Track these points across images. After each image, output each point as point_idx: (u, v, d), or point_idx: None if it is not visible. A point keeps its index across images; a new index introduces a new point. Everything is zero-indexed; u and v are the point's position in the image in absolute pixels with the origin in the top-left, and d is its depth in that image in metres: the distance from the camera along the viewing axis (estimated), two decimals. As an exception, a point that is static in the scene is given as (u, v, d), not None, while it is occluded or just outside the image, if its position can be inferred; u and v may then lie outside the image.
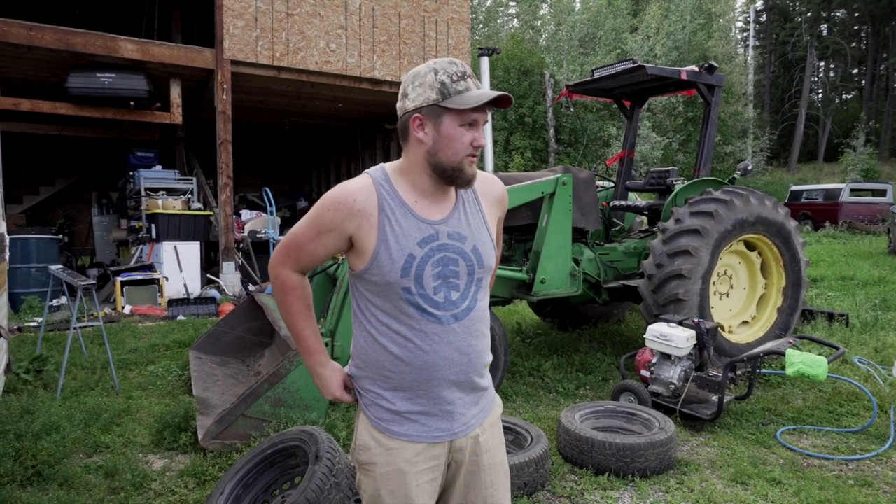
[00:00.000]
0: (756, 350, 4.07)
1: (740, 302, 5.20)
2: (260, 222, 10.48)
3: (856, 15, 35.12)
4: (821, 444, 3.65)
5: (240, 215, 10.97)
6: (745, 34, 36.62)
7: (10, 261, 7.09)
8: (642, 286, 4.70)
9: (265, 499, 2.63)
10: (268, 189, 9.72)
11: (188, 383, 4.54)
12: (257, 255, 9.59)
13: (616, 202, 5.91)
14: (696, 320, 4.11)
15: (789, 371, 3.67)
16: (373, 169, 1.50)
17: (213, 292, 8.34)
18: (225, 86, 8.68)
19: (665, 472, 3.21)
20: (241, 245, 9.62)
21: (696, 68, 5.25)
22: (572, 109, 23.99)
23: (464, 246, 1.47)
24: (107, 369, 4.88)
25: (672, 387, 3.98)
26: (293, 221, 12.81)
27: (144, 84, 8.35)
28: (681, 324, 4.10)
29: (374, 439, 1.49)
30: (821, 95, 37.81)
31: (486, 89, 1.42)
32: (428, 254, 1.43)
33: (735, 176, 5.49)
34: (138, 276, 8.10)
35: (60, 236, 9.69)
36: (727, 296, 5.11)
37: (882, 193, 18.05)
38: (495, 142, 22.14)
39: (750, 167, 5.42)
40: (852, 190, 18.03)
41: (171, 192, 9.57)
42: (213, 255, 9.97)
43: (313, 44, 9.17)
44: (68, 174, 12.76)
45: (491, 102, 1.41)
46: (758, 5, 36.24)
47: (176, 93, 8.87)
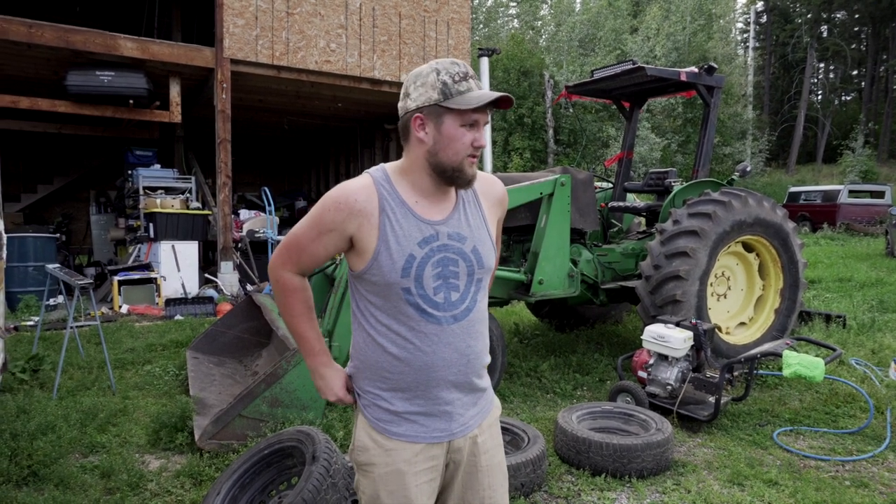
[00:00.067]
0: (753, 351, 4.08)
1: (738, 303, 5.20)
2: (258, 222, 10.47)
3: (856, 16, 35.18)
4: (817, 445, 3.66)
5: (238, 215, 10.96)
6: (745, 35, 36.69)
7: (8, 259, 7.08)
8: (640, 287, 4.70)
9: (262, 499, 2.63)
10: (266, 189, 9.71)
11: (185, 383, 4.54)
12: (255, 254, 9.58)
13: (614, 203, 5.92)
14: (693, 321, 4.11)
15: (786, 372, 3.68)
16: (373, 169, 1.50)
17: (210, 292, 8.33)
18: (224, 85, 8.67)
19: (662, 472, 3.22)
20: (240, 245, 9.61)
21: (696, 69, 5.25)
22: (571, 110, 23.99)
23: (464, 246, 1.47)
24: (103, 369, 4.88)
25: (669, 388, 3.98)
26: (292, 221, 12.80)
27: (144, 82, 8.34)
28: (678, 325, 4.11)
29: (372, 440, 1.49)
30: (820, 97, 37.85)
31: (487, 90, 1.42)
32: (428, 254, 1.43)
33: (734, 177, 5.49)
34: (136, 276, 8.09)
35: (58, 235, 9.66)
36: (725, 297, 5.11)
37: (880, 195, 18.08)
38: (494, 142, 22.12)
39: (748, 168, 5.42)
40: (851, 191, 18.05)
41: (169, 191, 9.56)
42: (211, 254, 9.95)
43: (313, 43, 9.16)
44: (67, 172, 12.74)
45: (492, 103, 1.41)
46: (758, 6, 36.28)
47: (175, 91, 8.86)
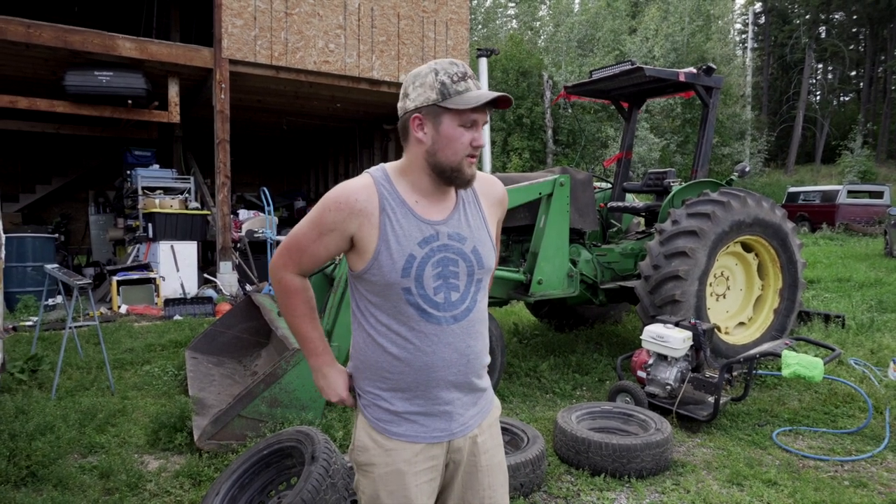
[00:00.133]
0: (752, 351, 4.08)
1: (737, 303, 5.21)
2: (257, 222, 10.46)
3: (854, 17, 35.25)
4: (816, 445, 3.66)
5: (237, 215, 10.95)
6: (743, 36, 36.75)
7: (6, 259, 7.07)
8: (639, 287, 4.71)
9: (261, 499, 2.62)
10: (265, 189, 9.69)
11: (184, 383, 4.53)
12: (255, 254, 9.57)
13: (613, 203, 5.92)
14: (692, 321, 4.12)
15: (785, 372, 3.68)
16: (373, 169, 1.50)
17: (209, 292, 8.32)
18: (223, 85, 8.67)
19: (661, 472, 3.22)
20: (239, 245, 9.60)
21: (695, 70, 5.25)
22: (570, 111, 24.01)
23: (464, 247, 1.47)
24: (102, 369, 4.87)
25: (668, 388, 3.98)
26: (291, 221, 12.78)
27: (142, 83, 8.33)
28: (677, 325, 4.11)
29: (372, 440, 1.49)
30: (819, 97, 37.91)
31: (485, 90, 1.42)
32: (428, 254, 1.43)
33: (732, 177, 5.49)
34: (135, 276, 8.08)
35: (57, 235, 9.64)
36: (724, 297, 5.11)
37: (879, 195, 18.10)
38: (493, 142, 22.13)
39: (747, 169, 5.43)
40: (849, 192, 18.07)
41: (168, 191, 9.55)
42: (211, 254, 9.95)
43: (312, 43, 9.16)
44: (65, 173, 12.72)
45: (490, 103, 1.40)
46: (756, 7, 36.32)
47: (174, 92, 8.85)
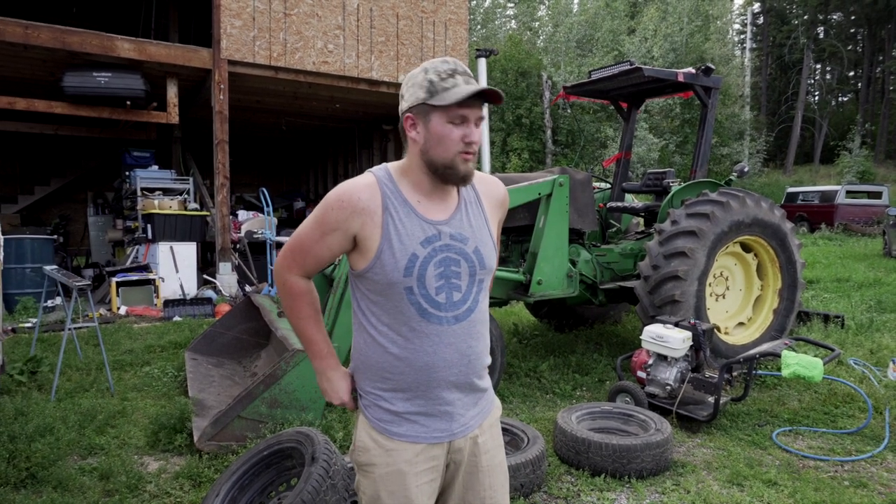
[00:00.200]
0: (752, 351, 4.08)
1: (736, 303, 5.21)
2: (257, 223, 10.45)
3: (852, 18, 35.31)
4: (816, 445, 3.66)
5: (236, 216, 10.95)
6: (742, 36, 36.78)
7: (5, 261, 7.06)
8: (639, 287, 4.71)
9: (261, 500, 2.62)
10: (265, 189, 9.68)
11: (184, 384, 4.52)
12: (254, 255, 9.56)
13: (613, 203, 5.92)
14: (692, 322, 4.12)
15: (785, 372, 3.68)
16: (376, 168, 1.50)
17: (209, 293, 8.32)
18: (222, 86, 8.66)
19: (661, 473, 3.22)
20: (238, 246, 9.59)
21: (693, 70, 5.25)
22: (569, 111, 24.02)
23: (466, 247, 1.47)
24: (102, 370, 4.86)
25: (668, 388, 3.98)
26: (290, 222, 12.78)
27: (141, 83, 8.33)
28: (677, 325, 4.11)
29: (373, 440, 1.49)
30: (817, 98, 37.96)
31: (477, 86, 1.39)
32: (430, 254, 1.43)
33: (731, 178, 5.50)
34: (134, 277, 8.07)
35: (55, 236, 9.64)
36: (723, 297, 5.12)
37: (877, 195, 18.12)
38: (492, 143, 22.13)
39: (746, 169, 5.43)
40: (848, 192, 18.09)
41: (167, 192, 9.54)
42: (210, 255, 9.94)
43: (311, 44, 9.16)
44: (64, 174, 12.71)
45: (478, 97, 1.38)
46: (755, 8, 36.36)
47: (172, 92, 8.85)
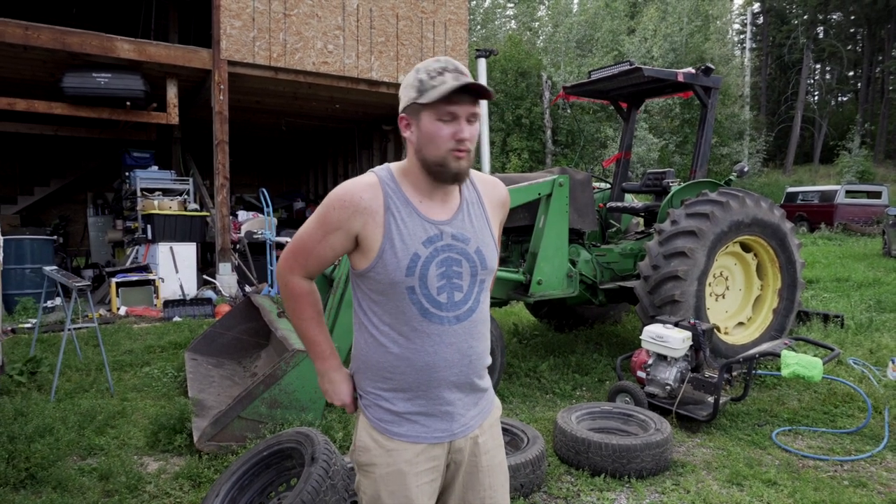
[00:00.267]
0: (752, 351, 4.08)
1: (736, 303, 5.21)
2: (257, 223, 10.45)
3: (852, 18, 35.32)
4: (816, 445, 3.66)
5: (236, 216, 10.95)
6: (741, 36, 36.77)
7: (5, 262, 7.06)
8: (638, 287, 4.71)
9: (261, 501, 2.62)
10: (265, 190, 9.69)
11: (184, 385, 4.52)
12: (254, 256, 9.56)
13: (612, 203, 5.92)
14: (692, 321, 4.12)
15: (785, 372, 3.68)
16: (378, 168, 1.51)
17: (209, 293, 8.32)
18: (222, 86, 8.66)
19: (661, 473, 3.22)
20: (238, 246, 9.59)
21: (693, 70, 5.25)
22: (569, 111, 24.02)
23: (467, 247, 1.47)
24: (101, 371, 4.86)
25: (668, 388, 3.98)
26: (290, 222, 12.78)
27: (141, 84, 8.33)
28: (677, 325, 4.11)
29: (373, 440, 1.49)
30: (817, 98, 37.97)
31: (462, 80, 1.36)
32: (432, 254, 1.43)
33: (731, 177, 5.50)
34: (134, 277, 8.07)
35: (55, 237, 9.64)
36: (723, 297, 5.12)
37: (877, 195, 18.12)
38: (492, 143, 22.13)
39: (746, 169, 5.43)
40: (848, 192, 18.09)
41: (167, 192, 9.54)
42: (210, 256, 9.94)
43: (311, 44, 9.16)
44: (64, 174, 12.71)
45: (464, 93, 1.36)
46: (755, 8, 36.37)
47: (172, 93, 8.85)
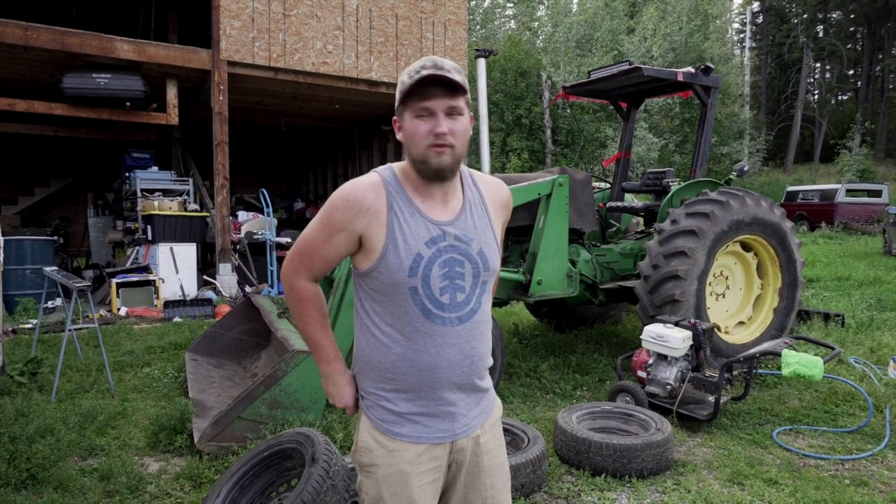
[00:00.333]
0: (752, 350, 4.08)
1: (736, 303, 5.21)
2: (257, 224, 10.45)
3: (851, 16, 35.31)
4: (817, 444, 3.66)
5: (236, 216, 10.94)
6: (741, 36, 36.77)
7: (5, 262, 7.06)
8: (639, 287, 4.71)
9: (261, 501, 2.62)
10: (265, 190, 9.69)
11: (184, 385, 4.52)
12: (254, 256, 9.56)
13: (612, 203, 5.92)
14: (692, 321, 4.12)
15: (785, 371, 3.68)
16: (381, 168, 1.51)
17: (209, 294, 8.32)
18: (221, 87, 8.66)
19: (662, 472, 3.22)
20: (238, 246, 9.59)
21: (693, 70, 5.25)
22: (569, 111, 24.01)
23: (470, 248, 1.47)
24: (102, 371, 4.86)
25: (669, 387, 3.98)
26: (290, 223, 12.78)
27: (140, 85, 8.33)
28: (677, 325, 4.11)
29: (375, 441, 1.49)
30: (817, 96, 37.95)
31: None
32: (435, 254, 1.43)
33: (731, 177, 5.50)
34: (134, 278, 8.07)
35: (55, 238, 9.64)
36: (723, 296, 5.12)
37: (877, 194, 18.12)
38: (492, 143, 22.12)
39: (746, 168, 5.43)
40: (848, 191, 18.10)
41: (167, 193, 9.54)
42: (210, 256, 9.94)
43: (310, 45, 9.16)
44: (64, 175, 12.72)
45: (435, 86, 1.36)
46: (754, 7, 36.36)
47: (172, 94, 8.85)
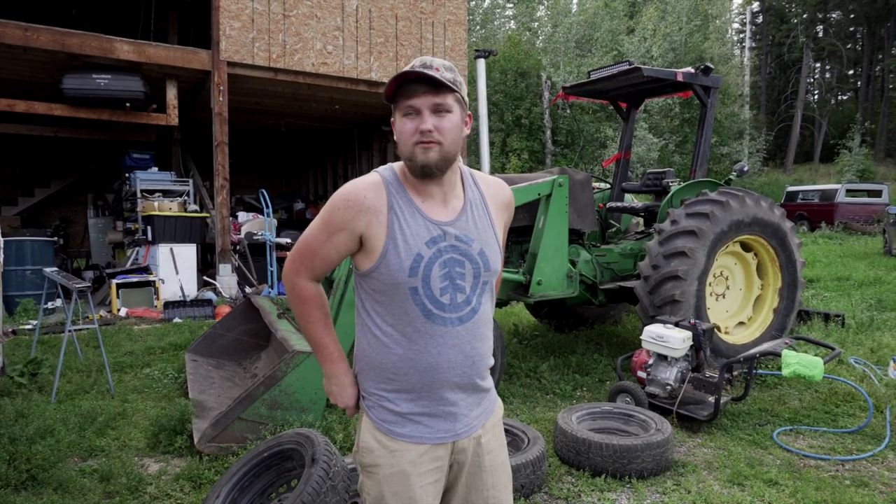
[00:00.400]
0: (752, 351, 4.08)
1: (736, 303, 5.21)
2: (257, 224, 10.45)
3: (851, 16, 35.31)
4: (817, 444, 3.66)
5: (236, 217, 10.95)
6: (741, 36, 36.77)
7: (5, 263, 7.06)
8: (639, 287, 4.70)
9: (261, 502, 2.62)
10: (264, 191, 9.69)
11: (184, 386, 4.52)
12: (254, 257, 9.56)
13: (612, 203, 5.92)
14: (692, 321, 4.12)
15: (786, 372, 3.68)
16: (381, 168, 1.51)
17: (209, 294, 8.32)
18: (221, 87, 8.66)
19: (662, 473, 3.21)
20: (238, 247, 9.60)
21: (693, 70, 5.25)
22: (569, 111, 24.02)
23: (471, 248, 1.47)
24: (102, 372, 4.86)
25: (669, 388, 3.98)
26: (290, 223, 12.78)
27: (140, 85, 8.34)
28: (677, 325, 4.11)
29: (377, 441, 1.49)
30: (817, 96, 37.94)
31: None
32: (436, 254, 1.43)
33: (731, 177, 5.50)
34: (134, 279, 8.07)
35: (55, 238, 9.64)
36: (723, 297, 5.11)
37: (878, 194, 18.12)
38: (492, 143, 22.13)
39: (746, 168, 5.43)
40: (848, 191, 18.09)
41: (167, 193, 9.55)
42: (210, 257, 9.94)
43: (310, 45, 9.16)
44: (64, 176, 12.72)
45: (419, 84, 1.37)
46: (754, 7, 36.36)
47: (172, 94, 8.85)
